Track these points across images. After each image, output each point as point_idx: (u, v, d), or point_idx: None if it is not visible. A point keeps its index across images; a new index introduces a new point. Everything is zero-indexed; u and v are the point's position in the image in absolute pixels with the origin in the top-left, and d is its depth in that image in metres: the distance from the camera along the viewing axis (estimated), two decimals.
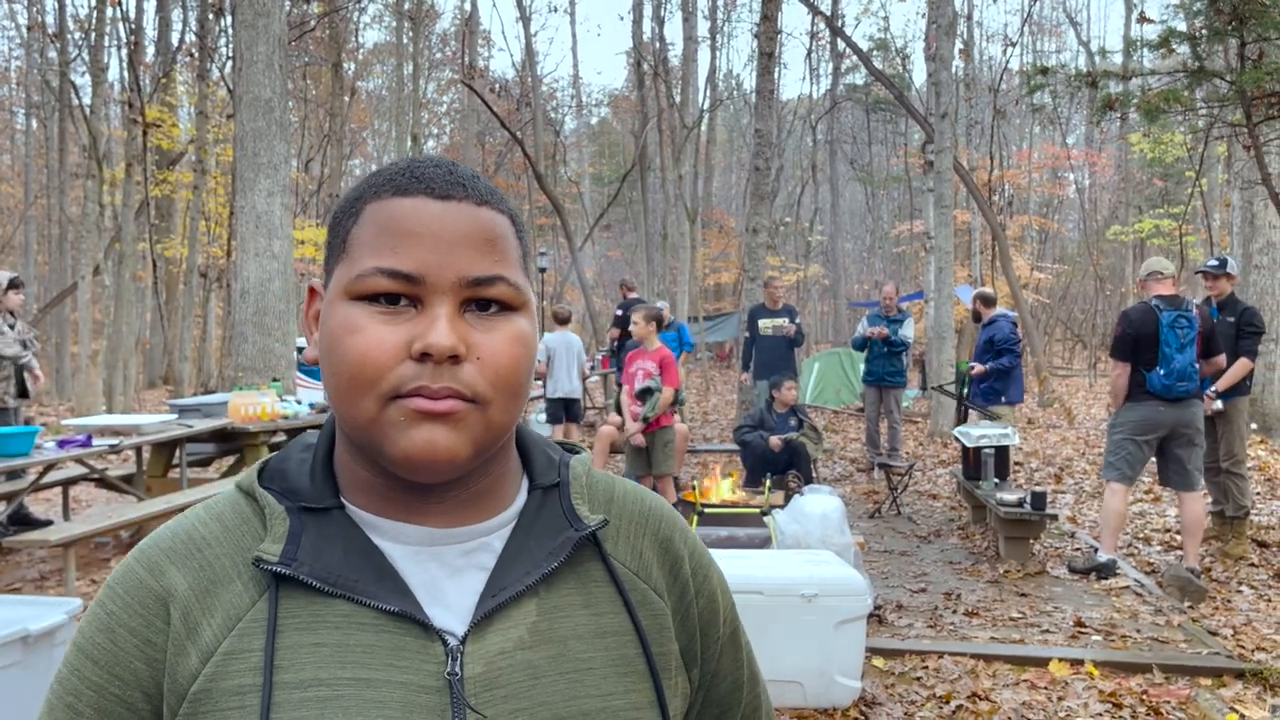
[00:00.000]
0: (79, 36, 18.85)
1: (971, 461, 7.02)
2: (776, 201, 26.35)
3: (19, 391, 6.78)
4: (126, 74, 18.07)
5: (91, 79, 16.57)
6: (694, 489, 6.30)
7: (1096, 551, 5.87)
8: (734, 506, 6.13)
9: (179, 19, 20.96)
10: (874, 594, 4.86)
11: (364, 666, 0.69)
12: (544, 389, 9.71)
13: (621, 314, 10.87)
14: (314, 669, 0.68)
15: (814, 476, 7.85)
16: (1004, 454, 6.99)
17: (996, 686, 4.07)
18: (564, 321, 10.01)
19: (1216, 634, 4.75)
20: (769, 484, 6.50)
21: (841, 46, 26.57)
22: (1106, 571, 5.71)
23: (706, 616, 0.85)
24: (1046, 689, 4.04)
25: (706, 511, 5.90)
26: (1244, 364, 6.04)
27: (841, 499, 5.50)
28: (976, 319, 8.88)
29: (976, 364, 8.51)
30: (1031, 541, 6.18)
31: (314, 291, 0.79)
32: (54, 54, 19.83)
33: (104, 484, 6.73)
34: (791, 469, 7.67)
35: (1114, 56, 21.26)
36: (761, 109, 12.18)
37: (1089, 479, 9.05)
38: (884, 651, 4.45)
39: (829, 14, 24.11)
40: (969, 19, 24.61)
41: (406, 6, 24.51)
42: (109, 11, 16.40)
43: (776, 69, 12.58)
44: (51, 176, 25.03)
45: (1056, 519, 6.91)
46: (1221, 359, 5.76)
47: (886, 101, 28.77)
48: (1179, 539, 6.30)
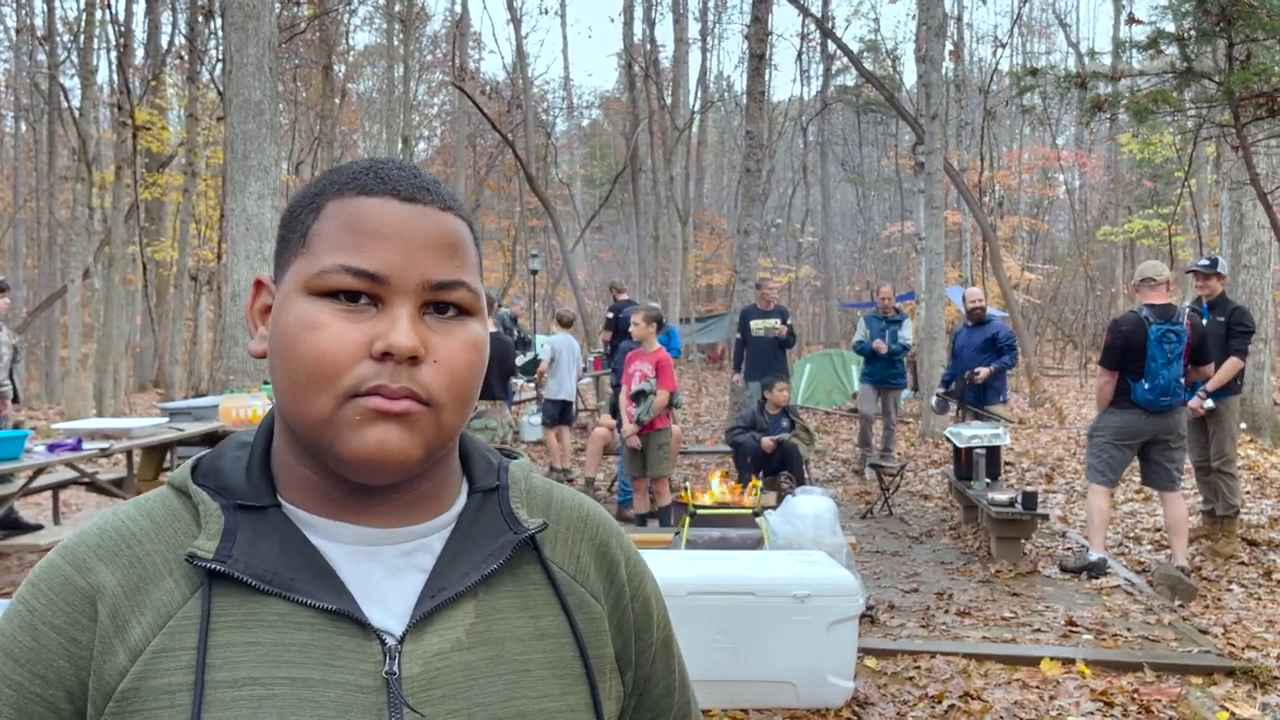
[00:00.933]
0: (68, 39, 18.79)
1: (963, 462, 7.04)
2: (768, 203, 26.39)
3: (13, 397, 6.77)
4: (116, 76, 18.00)
5: (81, 81, 16.53)
6: (686, 490, 6.30)
7: (1087, 551, 5.90)
8: (726, 507, 6.13)
9: (168, 21, 20.90)
10: (866, 594, 4.87)
11: (299, 666, 0.68)
12: (542, 391, 9.68)
13: (613, 316, 10.85)
14: (248, 668, 0.67)
15: (806, 477, 7.86)
16: (995, 454, 7.01)
17: (988, 686, 4.08)
18: (567, 324, 9.99)
19: (1207, 632, 4.77)
20: (760, 485, 6.51)
21: (832, 48, 26.61)
22: (1097, 571, 5.73)
23: (641, 621, 0.86)
24: (1038, 688, 4.06)
25: (699, 513, 5.90)
26: (1234, 363, 6.07)
27: (833, 499, 5.50)
28: (976, 320, 8.88)
29: (981, 369, 8.48)
30: (1023, 541, 6.20)
31: (261, 284, 0.78)
32: (43, 56, 19.76)
33: (94, 488, 6.69)
34: (783, 470, 7.68)
35: (1103, 58, 21.33)
36: (752, 110, 12.19)
37: (1080, 479, 9.08)
38: (876, 651, 4.46)
39: (819, 16, 24.16)
40: (959, 20, 24.68)
41: (397, 9, 24.49)
42: (98, 14, 16.37)
43: (767, 71, 12.58)
44: (41, 179, 24.91)
45: (1048, 519, 6.93)
46: (1210, 368, 5.81)
47: (877, 103, 28.84)
48: (1169, 538, 6.33)
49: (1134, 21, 8.83)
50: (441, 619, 0.73)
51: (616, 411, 7.23)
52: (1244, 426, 9.72)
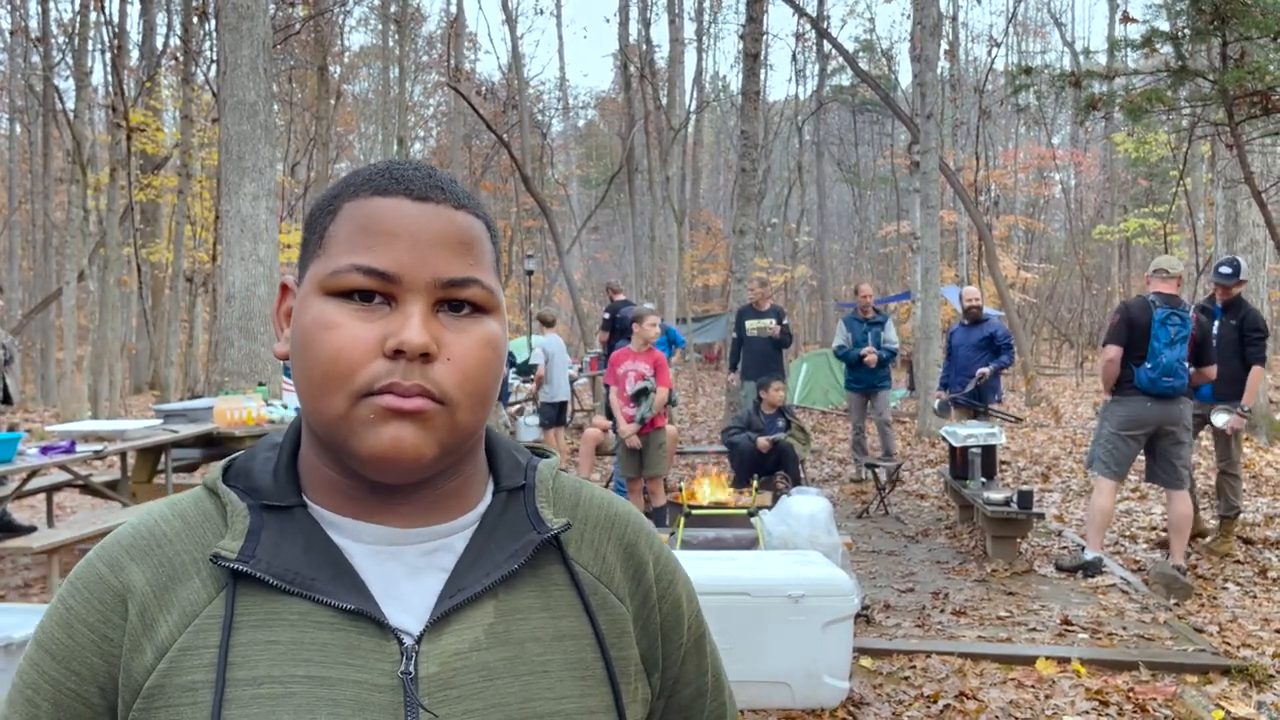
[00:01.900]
0: (62, 40, 18.79)
1: (959, 461, 7.04)
2: (764, 203, 26.37)
3: (3, 398, 6.73)
4: (111, 78, 17.98)
5: (75, 83, 16.50)
6: (681, 490, 6.29)
7: (1083, 549, 5.89)
8: (721, 508, 6.13)
9: (163, 23, 20.87)
10: (861, 594, 4.87)
11: (318, 664, 0.69)
12: (539, 393, 9.64)
13: (609, 317, 10.83)
14: (267, 666, 0.69)
15: (802, 477, 7.85)
16: (991, 453, 7.02)
17: (984, 685, 4.08)
18: (552, 324, 9.96)
19: (1202, 631, 4.77)
20: (756, 485, 6.50)
21: (827, 48, 26.62)
22: (1093, 569, 5.73)
23: (670, 622, 0.85)
24: (1033, 687, 4.05)
25: (694, 513, 5.90)
26: (1258, 373, 6.05)
27: (829, 499, 5.50)
28: (973, 320, 8.88)
29: (982, 370, 8.47)
30: (1019, 540, 6.20)
31: (286, 288, 0.80)
32: (37, 58, 19.73)
33: (88, 490, 6.68)
34: (779, 470, 7.67)
35: (1098, 56, 21.35)
36: (748, 111, 12.19)
37: (1076, 477, 9.08)
38: (872, 651, 4.45)
39: (814, 15, 24.16)
40: (954, 20, 24.68)
41: (392, 9, 24.47)
42: (92, 15, 16.33)
43: (762, 71, 12.60)
44: (35, 181, 24.89)
45: (1043, 517, 6.93)
46: (1212, 370, 5.72)
47: (873, 102, 28.88)
48: (1165, 536, 6.33)
49: (1128, 20, 8.85)
50: (460, 619, 0.73)
51: (611, 412, 7.21)
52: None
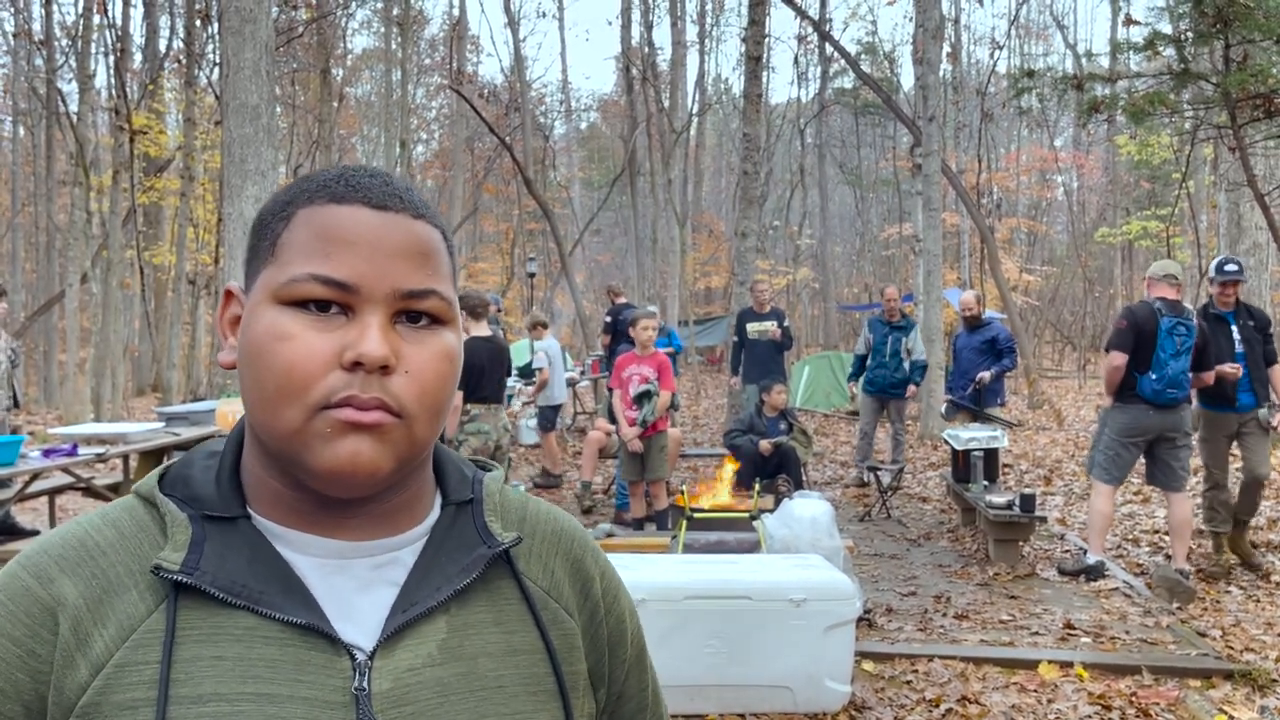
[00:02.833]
0: (66, 43, 18.79)
1: (961, 464, 7.02)
2: (766, 205, 26.38)
3: (12, 403, 6.75)
4: (113, 81, 17.99)
5: (78, 86, 16.49)
6: (683, 493, 6.29)
7: (1085, 553, 5.88)
8: (723, 511, 6.12)
9: (166, 26, 20.90)
10: (863, 598, 4.86)
11: (266, 681, 0.67)
12: (536, 397, 9.63)
13: (611, 320, 10.81)
14: (213, 683, 0.66)
15: (804, 480, 7.84)
16: (993, 456, 7.00)
17: (986, 689, 4.07)
18: (546, 327, 9.96)
19: (1205, 635, 4.76)
20: (759, 488, 6.49)
21: (830, 50, 26.63)
22: (1095, 573, 5.72)
23: (615, 637, 0.85)
24: (1036, 692, 4.05)
25: (696, 516, 5.89)
26: (1277, 372, 5.91)
27: (831, 502, 5.49)
28: (970, 325, 8.87)
29: (982, 374, 8.45)
30: (1021, 544, 6.19)
31: (231, 294, 0.77)
32: (41, 61, 19.74)
33: (90, 493, 6.68)
34: (781, 473, 7.65)
35: (1100, 59, 21.37)
36: (749, 113, 12.18)
37: (1078, 481, 9.07)
38: (874, 655, 4.45)
39: (816, 18, 24.17)
40: (956, 23, 24.70)
41: (395, 12, 24.49)
42: (96, 18, 16.34)
43: (764, 73, 12.60)
44: (39, 184, 24.89)
45: (1046, 521, 6.92)
46: (1209, 376, 5.67)
47: (875, 105, 28.86)
48: (1167, 540, 6.31)
49: (1131, 23, 8.85)
50: (413, 634, 0.72)
51: (614, 415, 7.20)
52: None
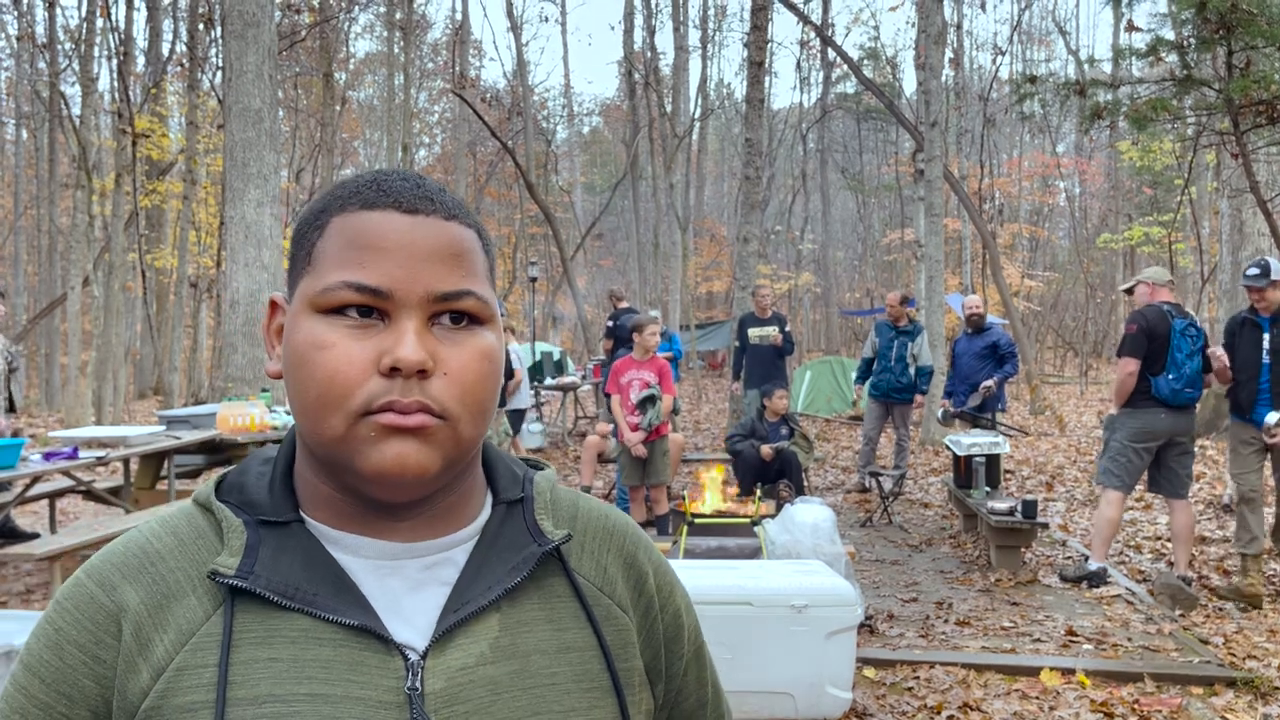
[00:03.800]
0: (69, 47, 18.80)
1: (962, 470, 7.01)
2: (768, 210, 26.41)
3: (9, 407, 6.76)
4: (116, 84, 17.99)
5: (81, 89, 16.51)
6: (684, 499, 6.28)
7: (1088, 560, 5.87)
8: (724, 516, 6.11)
9: (169, 29, 20.93)
10: (865, 604, 4.85)
11: (321, 682, 0.68)
12: (510, 400, 9.67)
13: (613, 324, 10.82)
14: (269, 685, 0.67)
15: (805, 485, 7.83)
16: (995, 462, 6.99)
17: (988, 696, 4.06)
18: (513, 331, 10.07)
19: (1208, 642, 4.74)
20: (760, 493, 6.48)
21: (832, 56, 26.66)
22: (1098, 580, 5.70)
23: (671, 632, 0.85)
24: (1038, 699, 4.03)
25: (697, 521, 5.88)
26: None
27: (832, 508, 5.48)
28: (975, 328, 8.85)
29: (988, 383, 8.43)
30: (1023, 550, 6.17)
31: (275, 305, 0.78)
32: (44, 64, 19.76)
33: (91, 496, 6.67)
34: (783, 478, 7.64)
35: (1103, 65, 21.39)
36: (752, 118, 12.19)
37: (1080, 487, 9.05)
38: (875, 662, 4.43)
39: (819, 23, 24.19)
40: (958, 28, 24.72)
41: (398, 16, 24.52)
42: (99, 22, 16.38)
43: (767, 78, 12.61)
44: (41, 187, 24.92)
45: (1048, 527, 6.90)
46: (1210, 378, 5.68)
47: (877, 110, 28.90)
48: (1170, 547, 6.29)
49: (1133, 29, 8.85)
50: (465, 633, 0.72)
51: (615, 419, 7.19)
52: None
